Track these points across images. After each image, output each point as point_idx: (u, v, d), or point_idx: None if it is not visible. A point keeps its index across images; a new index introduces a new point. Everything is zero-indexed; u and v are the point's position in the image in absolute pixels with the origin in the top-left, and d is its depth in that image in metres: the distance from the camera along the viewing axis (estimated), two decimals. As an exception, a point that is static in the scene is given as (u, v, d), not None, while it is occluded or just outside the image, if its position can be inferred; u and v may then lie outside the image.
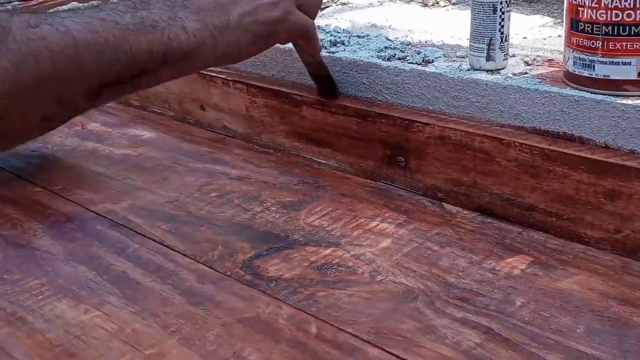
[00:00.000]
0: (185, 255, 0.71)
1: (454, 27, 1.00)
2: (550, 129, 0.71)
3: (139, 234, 0.75)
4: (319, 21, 1.05)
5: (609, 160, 0.66)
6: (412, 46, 0.88)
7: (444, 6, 1.25)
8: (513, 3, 0.76)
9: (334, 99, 0.87)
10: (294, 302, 0.63)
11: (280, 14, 0.70)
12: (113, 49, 0.61)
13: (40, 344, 0.59)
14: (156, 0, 0.66)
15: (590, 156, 0.67)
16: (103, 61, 0.61)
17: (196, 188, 0.85)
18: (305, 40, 0.77)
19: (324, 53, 0.87)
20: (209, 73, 0.99)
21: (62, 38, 0.58)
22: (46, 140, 1.01)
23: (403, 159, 0.82)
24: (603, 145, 0.68)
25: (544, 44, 0.95)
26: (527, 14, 1.17)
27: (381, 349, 0.57)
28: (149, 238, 0.74)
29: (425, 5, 1.26)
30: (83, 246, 0.73)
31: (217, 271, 0.68)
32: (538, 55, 0.82)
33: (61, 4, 1.25)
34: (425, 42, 0.91)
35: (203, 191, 0.84)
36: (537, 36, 1.03)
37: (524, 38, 1.01)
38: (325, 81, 0.87)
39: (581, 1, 0.68)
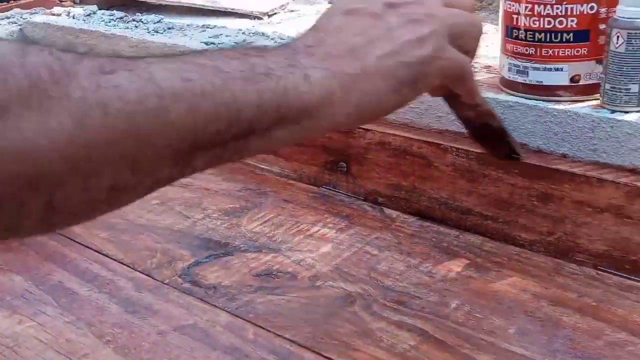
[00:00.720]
0: (124, 264, 0.70)
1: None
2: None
3: (77, 242, 0.74)
4: (264, 28, 1.06)
5: (541, 164, 0.68)
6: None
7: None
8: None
9: (516, 162, 0.67)
10: (232, 309, 0.63)
11: (430, 51, 0.52)
12: (211, 101, 0.45)
13: (-30, 355, 0.58)
14: (275, 47, 0.51)
15: (523, 160, 0.68)
16: (197, 116, 0.45)
17: (137, 195, 0.84)
18: (462, 84, 0.58)
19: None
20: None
21: (144, 87, 0.44)
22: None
23: (345, 165, 0.82)
24: (536, 149, 0.70)
25: (487, 51, 0.96)
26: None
27: (317, 353, 0.57)
28: (86, 247, 0.73)
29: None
30: (19, 255, 0.72)
31: (156, 279, 0.68)
32: (477, 62, 0.83)
33: (3, 10, 1.23)
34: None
35: (144, 199, 0.83)
36: (480, 43, 1.04)
37: (466, 45, 1.02)
38: (498, 136, 0.65)
39: (516, 9, 0.69)
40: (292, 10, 1.26)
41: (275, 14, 1.22)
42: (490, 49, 0.95)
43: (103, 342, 0.59)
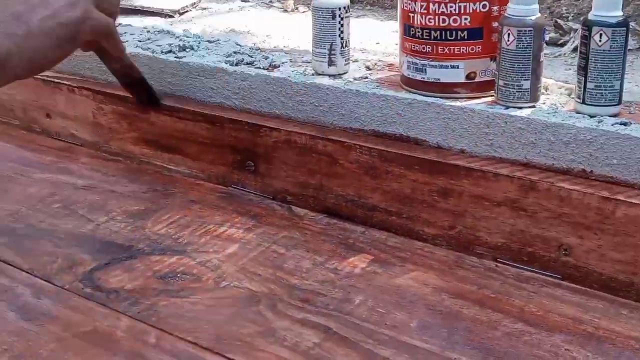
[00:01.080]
0: (23, 270, 0.68)
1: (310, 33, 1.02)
2: (387, 131, 0.73)
3: (-27, 249, 0.71)
4: (170, 26, 1.04)
5: (440, 160, 0.69)
6: (261, 51, 0.89)
7: (303, 12, 1.27)
8: (369, 9, 0.78)
9: (156, 107, 0.85)
10: (133, 313, 0.62)
11: (80, 13, 0.68)
12: None
13: None
14: None
15: (423, 156, 0.70)
16: None
17: (39, 199, 0.82)
18: (109, 40, 0.74)
19: (171, 58, 0.86)
20: (53, 79, 0.96)
21: None
22: None
23: (253, 164, 0.82)
24: (435, 145, 0.71)
25: (395, 49, 0.98)
26: (381, 20, 1.21)
27: (220, 355, 0.57)
28: (-17, 253, 0.71)
29: (285, 11, 1.27)
30: None
31: (55, 285, 0.66)
32: (380, 60, 0.84)
33: None
34: (279, 47, 0.92)
35: (46, 202, 0.81)
36: (390, 41, 1.06)
37: (377, 43, 1.03)
38: (139, 86, 0.84)
39: (412, 7, 0.70)
40: (204, 8, 1.25)
41: (187, 11, 1.21)
42: (390, 47, 0.97)
43: (-2, 352, 0.57)
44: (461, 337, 0.58)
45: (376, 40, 1.07)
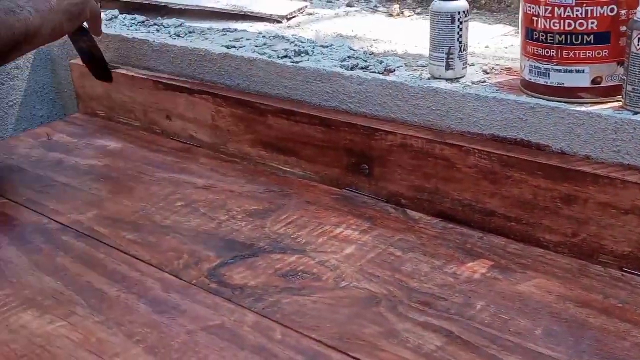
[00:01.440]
0: (151, 265, 0.71)
1: (417, 37, 1.02)
2: (508, 136, 0.73)
3: (105, 244, 0.75)
4: (284, 31, 1.07)
5: (565, 166, 0.68)
6: (374, 56, 0.90)
7: (409, 16, 1.27)
8: (476, 13, 0.77)
9: (109, 81, 1.05)
10: (258, 309, 0.64)
11: None
12: None
13: (5, 355, 0.59)
14: None
15: (547, 162, 0.69)
16: None
17: (162, 198, 0.85)
18: (97, 21, 0.96)
19: (288, 63, 0.88)
20: (174, 83, 0.99)
21: None
22: (12, 152, 1.01)
23: (367, 167, 0.83)
24: (559, 151, 0.70)
25: (506, 53, 0.96)
26: (490, 24, 1.19)
27: (344, 353, 0.58)
28: (114, 248, 0.74)
29: (391, 15, 1.27)
30: (48, 257, 0.73)
31: (183, 280, 0.69)
32: (497, 64, 0.84)
33: None
34: (388, 51, 0.93)
35: (169, 201, 0.85)
36: (499, 45, 1.05)
37: (486, 47, 1.02)
38: (100, 62, 1.03)
39: (536, 11, 0.69)
40: (311, 14, 1.26)
41: (294, 17, 1.23)
42: (510, 51, 0.96)
43: (133, 341, 0.60)
44: (588, 346, 0.57)
45: (485, 44, 1.05)
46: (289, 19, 1.21)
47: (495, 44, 1.06)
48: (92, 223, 0.80)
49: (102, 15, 1.19)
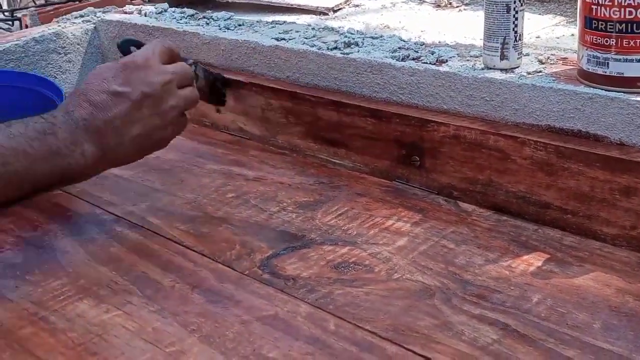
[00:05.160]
0: (204, 255, 0.72)
1: (466, 28, 1.01)
2: (565, 127, 0.71)
3: (158, 234, 0.76)
4: (332, 23, 1.06)
5: (624, 157, 0.67)
6: (425, 46, 0.89)
7: (457, 7, 1.26)
8: (526, 3, 0.76)
9: (222, 106, 0.97)
10: (311, 300, 0.64)
11: (170, 133, 0.79)
12: (19, 177, 0.75)
13: (62, 343, 0.60)
14: (63, 120, 0.74)
15: (605, 153, 0.67)
16: (8, 190, 0.76)
17: (213, 189, 0.86)
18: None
19: (338, 54, 0.88)
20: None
21: None
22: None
23: (418, 158, 0.82)
24: (618, 142, 0.69)
25: (557, 43, 0.95)
26: (539, 14, 1.17)
27: (399, 345, 0.58)
28: (168, 239, 0.75)
29: (438, 6, 1.26)
30: (103, 247, 0.74)
31: (236, 270, 0.69)
32: (552, 54, 0.82)
33: (77, 9, 1.26)
34: (439, 42, 0.92)
35: (220, 192, 0.85)
36: (550, 35, 1.03)
37: (537, 37, 1.01)
38: (219, 87, 0.93)
39: (595, 0, 0.68)
40: (357, 5, 1.26)
41: (340, 9, 1.23)
42: (562, 41, 0.94)
43: (188, 331, 0.61)
44: (650, 341, 0.56)
45: (536, 34, 1.04)
46: (334, 11, 1.20)
47: (546, 33, 1.05)
48: (145, 214, 0.81)
49: (152, 8, 1.20)
